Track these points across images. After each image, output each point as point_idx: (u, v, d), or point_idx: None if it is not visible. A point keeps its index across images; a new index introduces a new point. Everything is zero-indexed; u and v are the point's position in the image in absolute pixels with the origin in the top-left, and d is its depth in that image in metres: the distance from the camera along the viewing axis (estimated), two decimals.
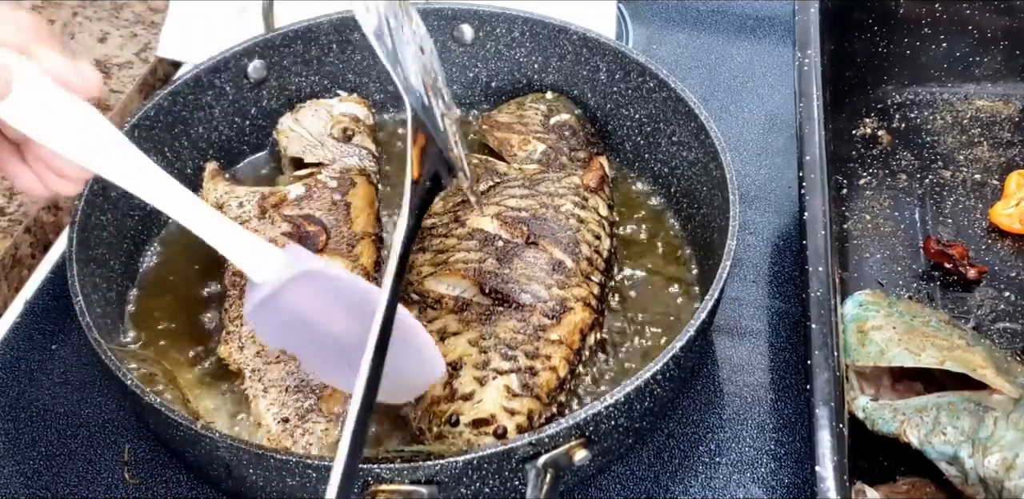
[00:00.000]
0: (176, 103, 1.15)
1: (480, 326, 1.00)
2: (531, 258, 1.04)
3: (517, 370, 0.97)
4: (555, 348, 0.99)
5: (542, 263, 1.03)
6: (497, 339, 0.99)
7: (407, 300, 1.04)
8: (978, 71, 1.28)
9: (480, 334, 0.99)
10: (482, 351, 0.98)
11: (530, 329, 0.99)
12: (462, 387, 0.97)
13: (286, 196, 1.11)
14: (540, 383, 0.97)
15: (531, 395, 0.96)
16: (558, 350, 0.99)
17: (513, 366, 0.97)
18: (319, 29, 1.20)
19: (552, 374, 0.98)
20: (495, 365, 0.97)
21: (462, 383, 0.97)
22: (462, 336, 1.00)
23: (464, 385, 0.97)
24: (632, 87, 1.17)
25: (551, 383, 0.98)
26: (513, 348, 0.98)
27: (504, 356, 0.98)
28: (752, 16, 1.41)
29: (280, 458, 0.88)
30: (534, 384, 0.97)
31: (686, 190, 1.15)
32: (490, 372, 0.97)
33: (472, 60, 1.25)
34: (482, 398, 0.96)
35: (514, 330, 0.99)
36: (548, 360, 0.98)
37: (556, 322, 1.00)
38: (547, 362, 0.98)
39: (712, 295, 0.96)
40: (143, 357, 1.03)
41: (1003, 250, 1.16)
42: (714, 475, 1.02)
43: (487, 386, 0.96)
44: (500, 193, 1.10)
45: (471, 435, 0.94)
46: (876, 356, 0.98)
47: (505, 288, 1.01)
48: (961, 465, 0.93)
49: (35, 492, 1.02)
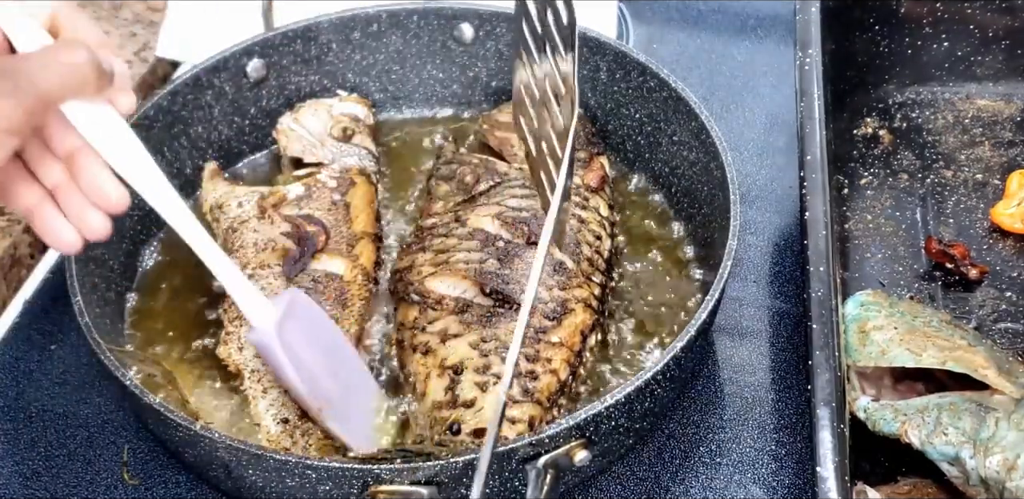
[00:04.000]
0: (175, 103, 1.15)
1: (481, 328, 1.00)
2: (532, 259, 1.03)
3: (518, 375, 0.96)
4: (556, 350, 0.99)
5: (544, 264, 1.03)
6: (498, 342, 0.98)
7: (408, 300, 1.04)
8: (979, 70, 1.28)
9: (481, 337, 0.99)
10: (483, 355, 0.98)
11: (531, 331, 0.99)
12: (463, 393, 0.96)
13: (285, 196, 1.11)
14: (541, 387, 0.97)
15: (532, 401, 0.96)
16: (559, 352, 0.99)
17: (513, 370, 0.97)
18: (319, 28, 1.19)
19: (553, 377, 0.98)
20: (496, 370, 0.97)
21: (463, 389, 0.97)
22: (463, 338, 0.99)
23: (465, 391, 0.96)
24: (633, 87, 1.16)
25: (552, 387, 0.98)
26: None
27: (504, 360, 0.97)
28: (753, 15, 1.40)
29: (279, 459, 0.88)
30: (535, 389, 0.97)
31: (687, 190, 1.14)
32: (491, 377, 0.97)
33: (472, 59, 1.25)
34: (483, 406, 0.95)
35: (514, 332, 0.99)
36: (549, 363, 0.98)
37: (557, 324, 1.00)
38: (548, 365, 0.98)
39: (713, 295, 0.96)
40: (142, 358, 1.03)
41: (1004, 250, 1.16)
42: (715, 475, 1.02)
43: (488, 393, 0.96)
44: (501, 193, 1.10)
45: (472, 445, 0.94)
46: (877, 356, 0.98)
47: (506, 289, 1.01)
48: (962, 466, 0.93)
49: (34, 492, 1.02)
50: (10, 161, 0.82)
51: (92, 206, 0.82)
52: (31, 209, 0.83)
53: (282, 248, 1.07)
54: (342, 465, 0.87)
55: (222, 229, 1.10)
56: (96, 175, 0.82)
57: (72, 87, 0.77)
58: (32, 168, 0.83)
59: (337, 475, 0.88)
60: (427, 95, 1.27)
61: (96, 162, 0.83)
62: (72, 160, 0.83)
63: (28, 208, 0.83)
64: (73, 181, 0.83)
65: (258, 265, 1.06)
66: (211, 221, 1.12)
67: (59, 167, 0.83)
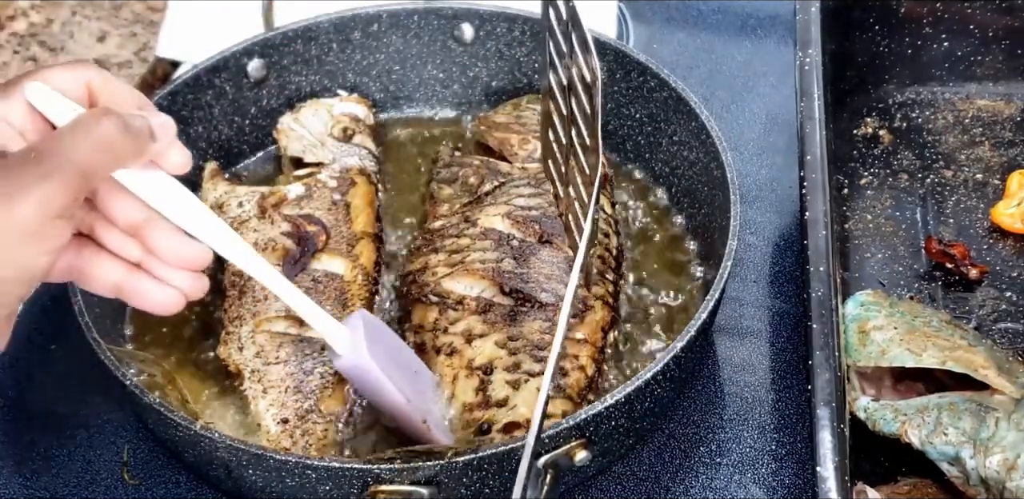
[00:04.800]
0: (176, 102, 1.15)
1: (506, 327, 1.00)
2: (547, 257, 1.03)
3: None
4: (581, 347, 0.99)
5: (559, 262, 1.03)
6: (525, 340, 0.99)
7: (425, 301, 1.04)
8: (979, 70, 1.28)
9: (507, 335, 0.99)
10: (512, 353, 0.98)
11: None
12: (495, 393, 0.96)
13: (286, 196, 1.11)
14: (571, 383, 0.97)
15: (563, 396, 0.96)
16: (584, 349, 0.99)
17: (544, 367, 0.97)
18: (319, 28, 1.19)
19: (581, 373, 0.98)
20: (527, 367, 0.97)
21: (495, 388, 0.97)
22: (488, 338, 0.99)
23: (497, 391, 0.96)
24: (633, 87, 1.16)
25: (581, 382, 0.98)
26: (542, 349, 0.98)
27: (534, 358, 0.97)
28: (753, 15, 1.40)
29: (279, 459, 0.88)
30: (565, 384, 0.97)
31: (687, 190, 1.14)
32: (522, 375, 0.97)
33: (472, 60, 1.25)
34: (516, 403, 0.96)
35: (540, 330, 0.99)
36: (576, 360, 0.99)
37: (580, 321, 1.00)
38: (575, 361, 0.98)
39: (713, 295, 0.96)
40: (142, 358, 1.03)
41: (1005, 250, 1.16)
42: (715, 475, 1.02)
43: (521, 390, 0.96)
44: (507, 192, 1.10)
45: (501, 440, 0.94)
46: (877, 356, 0.98)
47: (526, 288, 1.01)
48: (962, 466, 0.93)
49: (34, 492, 1.02)
50: (82, 244, 0.81)
51: (178, 269, 0.81)
52: (119, 285, 0.81)
53: (282, 248, 1.07)
54: (342, 465, 0.87)
55: None
56: (169, 243, 0.81)
57: (110, 159, 0.75)
58: (105, 245, 0.81)
59: (337, 475, 0.88)
60: (427, 95, 1.27)
61: (164, 229, 0.81)
62: (140, 232, 0.81)
63: (115, 284, 0.81)
64: (150, 253, 0.81)
65: None
66: None
67: (131, 241, 0.81)
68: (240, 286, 1.05)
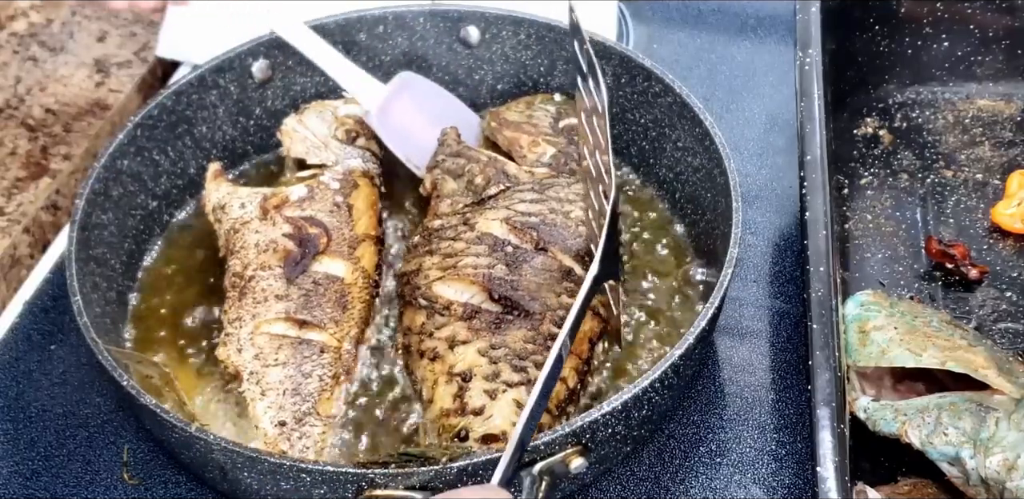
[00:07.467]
0: (180, 102, 1.15)
1: (490, 335, 0.99)
2: (540, 265, 1.03)
3: (527, 382, 0.96)
4: (566, 359, 0.99)
5: (552, 271, 1.03)
6: (507, 349, 0.98)
7: (415, 305, 1.04)
8: (979, 70, 1.28)
9: (490, 343, 0.99)
10: (492, 362, 0.97)
11: (540, 338, 0.98)
12: (472, 401, 0.96)
13: (288, 197, 1.10)
14: (550, 395, 0.97)
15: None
16: (568, 360, 0.98)
17: (523, 378, 0.96)
18: (323, 30, 1.19)
19: (562, 385, 0.98)
20: (505, 377, 0.97)
21: (472, 396, 0.96)
22: (471, 345, 0.99)
23: (474, 398, 0.96)
24: (638, 91, 1.16)
25: (560, 395, 0.97)
26: (523, 358, 0.97)
27: (515, 368, 0.97)
28: (753, 15, 1.40)
29: (274, 461, 0.88)
30: None
31: (691, 196, 1.14)
32: (500, 385, 0.96)
33: (478, 62, 1.25)
34: (492, 413, 0.95)
35: (524, 339, 0.99)
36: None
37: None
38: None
39: (712, 303, 0.96)
40: (141, 358, 1.03)
41: (1005, 250, 1.16)
42: (715, 476, 1.02)
43: (497, 400, 0.96)
44: (510, 197, 1.09)
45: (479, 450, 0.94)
46: (877, 356, 0.98)
47: (515, 295, 1.01)
48: (963, 466, 0.93)
49: (34, 492, 1.02)
50: None
51: None
52: None
53: (283, 249, 1.06)
54: (337, 469, 0.87)
55: (224, 230, 1.10)
56: None
57: None
58: None
59: (332, 479, 0.88)
60: None
61: None
62: None
63: None
64: None
65: (259, 266, 1.06)
66: (213, 222, 1.12)
67: None
68: (240, 287, 1.05)
